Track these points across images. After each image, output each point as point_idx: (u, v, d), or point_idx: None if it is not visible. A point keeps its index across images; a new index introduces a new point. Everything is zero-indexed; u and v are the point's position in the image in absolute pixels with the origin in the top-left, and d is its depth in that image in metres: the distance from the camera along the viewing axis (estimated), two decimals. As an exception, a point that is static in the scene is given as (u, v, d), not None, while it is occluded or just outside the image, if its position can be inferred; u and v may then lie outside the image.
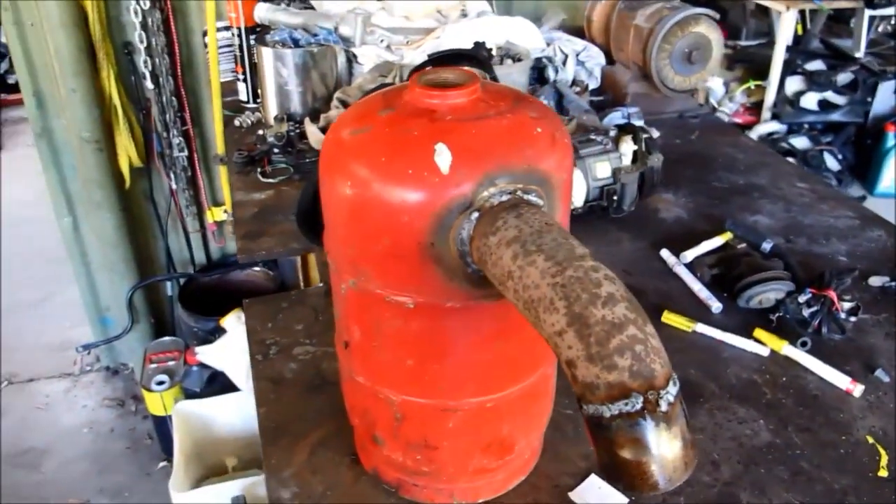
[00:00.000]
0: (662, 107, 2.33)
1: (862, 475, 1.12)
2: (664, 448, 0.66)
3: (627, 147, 1.75)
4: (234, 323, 2.44)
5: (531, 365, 0.98)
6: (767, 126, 4.54)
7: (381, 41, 2.24)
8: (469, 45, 2.03)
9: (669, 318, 1.44)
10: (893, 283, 1.52)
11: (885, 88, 4.33)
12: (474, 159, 0.81)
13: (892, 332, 1.41)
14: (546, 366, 1.01)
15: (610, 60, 2.43)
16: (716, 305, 1.48)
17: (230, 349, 2.42)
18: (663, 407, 0.66)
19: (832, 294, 1.42)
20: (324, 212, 0.93)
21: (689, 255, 1.62)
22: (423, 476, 1.05)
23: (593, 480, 1.11)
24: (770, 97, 4.53)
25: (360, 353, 0.98)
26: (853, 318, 1.43)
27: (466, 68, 0.92)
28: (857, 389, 1.26)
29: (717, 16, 2.25)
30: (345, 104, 2.02)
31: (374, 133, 0.85)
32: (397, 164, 0.81)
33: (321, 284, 1.69)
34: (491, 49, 2.10)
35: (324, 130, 1.97)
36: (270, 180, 1.95)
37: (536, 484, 1.11)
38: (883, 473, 1.12)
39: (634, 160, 1.76)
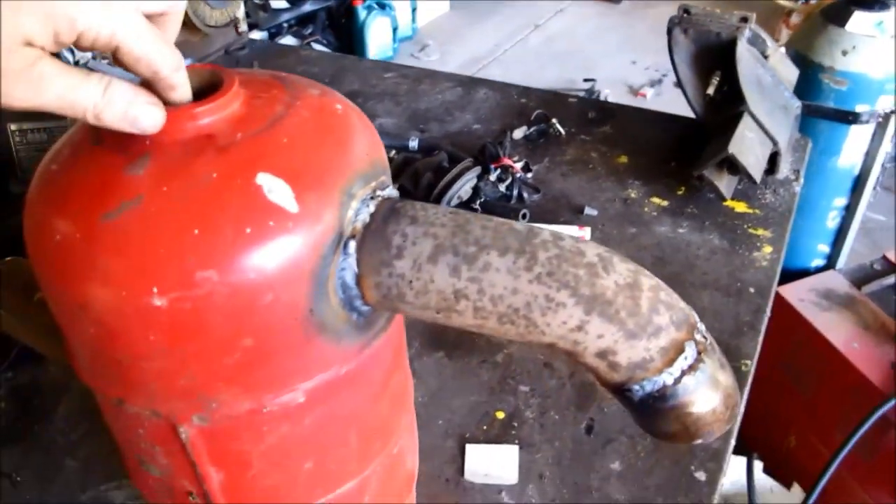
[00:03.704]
0: (205, 49, 2.09)
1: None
2: (723, 378, 0.59)
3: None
4: None
5: (409, 378, 0.82)
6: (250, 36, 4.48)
7: None
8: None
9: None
10: (532, 129, 1.64)
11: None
12: (318, 176, 0.58)
13: (564, 172, 1.53)
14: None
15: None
16: (421, 220, 1.42)
17: None
18: (708, 339, 0.59)
19: (508, 161, 1.47)
20: (94, 345, 0.60)
21: (359, 184, 1.52)
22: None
23: (471, 452, 1.02)
24: (240, 9, 4.44)
25: (229, 494, 0.69)
26: (530, 174, 1.51)
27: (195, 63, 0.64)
28: (587, 233, 1.35)
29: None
30: None
31: (150, 201, 0.54)
32: (223, 228, 0.54)
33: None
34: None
35: None
36: None
37: (426, 491, 0.97)
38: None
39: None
